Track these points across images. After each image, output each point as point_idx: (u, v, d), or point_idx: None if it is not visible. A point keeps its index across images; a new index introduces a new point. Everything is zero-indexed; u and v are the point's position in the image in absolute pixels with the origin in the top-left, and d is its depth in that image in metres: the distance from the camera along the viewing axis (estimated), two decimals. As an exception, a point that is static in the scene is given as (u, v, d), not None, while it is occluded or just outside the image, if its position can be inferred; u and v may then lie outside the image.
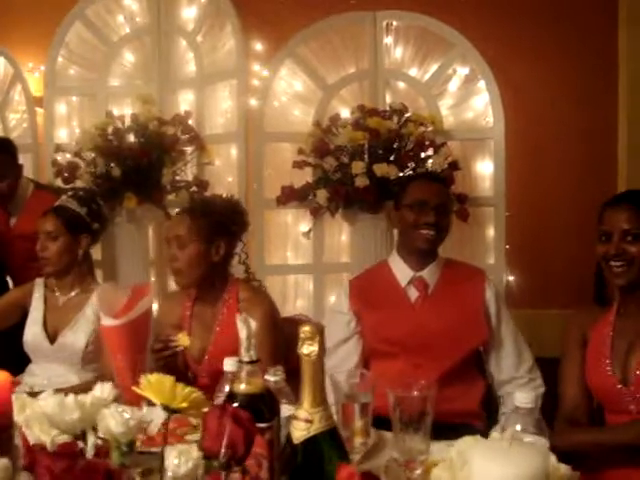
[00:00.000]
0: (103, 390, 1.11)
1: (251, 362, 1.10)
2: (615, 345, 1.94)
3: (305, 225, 3.62)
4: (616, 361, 1.92)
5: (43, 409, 0.96)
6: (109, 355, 1.50)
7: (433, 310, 2.32)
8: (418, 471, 1.12)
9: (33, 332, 2.58)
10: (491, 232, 3.61)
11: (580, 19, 4.06)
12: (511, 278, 3.62)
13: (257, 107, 3.66)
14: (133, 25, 3.98)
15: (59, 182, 3.58)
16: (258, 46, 3.75)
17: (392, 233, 3.42)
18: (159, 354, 2.08)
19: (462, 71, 3.64)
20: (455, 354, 2.26)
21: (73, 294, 2.62)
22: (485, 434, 2.19)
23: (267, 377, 1.29)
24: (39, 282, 2.68)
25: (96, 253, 3.10)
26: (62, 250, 2.56)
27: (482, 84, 3.59)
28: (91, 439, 0.98)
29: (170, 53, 3.93)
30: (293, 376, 2.38)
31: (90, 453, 0.98)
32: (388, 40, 3.72)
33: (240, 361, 1.11)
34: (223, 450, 0.86)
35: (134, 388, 1.03)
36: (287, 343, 2.37)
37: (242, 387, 1.10)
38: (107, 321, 1.55)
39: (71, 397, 1.01)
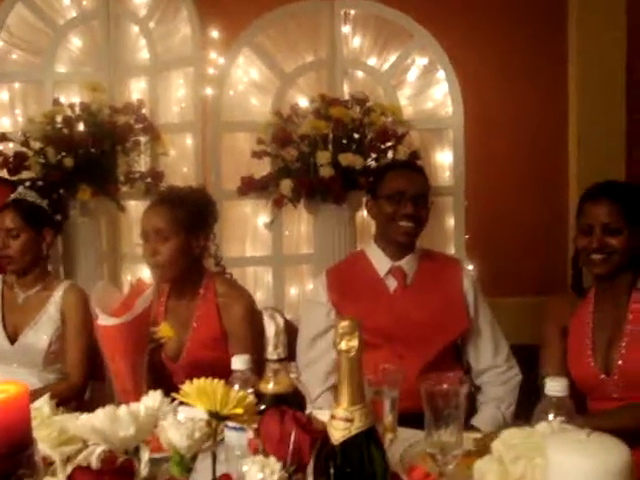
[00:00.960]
0: (155, 399, 1.02)
1: (279, 360, 1.05)
2: (595, 336, 1.98)
3: (264, 217, 3.55)
4: (597, 352, 1.96)
5: (92, 423, 0.87)
6: (106, 357, 1.38)
7: (412, 300, 2.30)
8: (451, 466, 1.09)
9: None
10: (451, 222, 3.63)
11: (531, 10, 4.12)
12: (470, 267, 3.65)
13: (213, 96, 3.56)
14: (80, 8, 3.80)
15: (4, 173, 3.39)
16: (214, 33, 3.64)
17: (355, 223, 3.40)
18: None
19: (421, 61, 3.64)
20: (437, 344, 2.25)
21: (34, 291, 2.48)
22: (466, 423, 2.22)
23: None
24: None
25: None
26: (25, 247, 2.41)
27: (441, 74, 3.60)
28: (145, 455, 0.88)
29: (120, 39, 3.78)
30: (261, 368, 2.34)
31: (144, 472, 0.88)
32: (346, 29, 3.68)
33: (267, 359, 1.05)
34: (289, 457, 0.81)
35: (174, 395, 0.96)
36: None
37: (270, 387, 1.05)
38: (106, 320, 1.40)
39: (124, 409, 0.91)
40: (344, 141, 3.17)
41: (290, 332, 2.42)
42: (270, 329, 1.05)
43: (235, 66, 3.60)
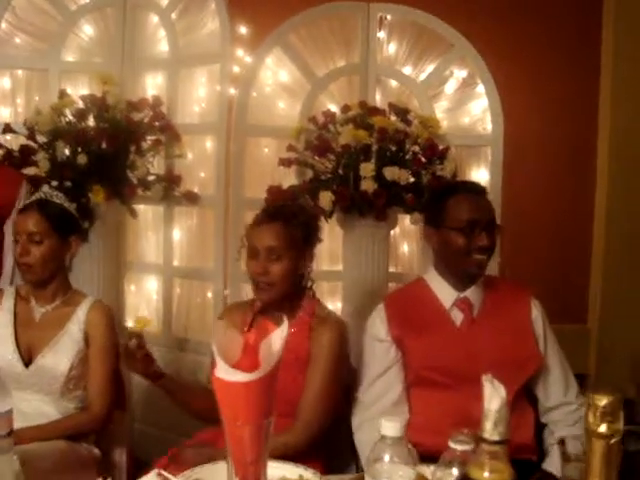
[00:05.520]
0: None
1: (500, 442, 0.80)
2: None
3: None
4: None
5: None
6: (224, 419, 1.06)
7: (481, 335, 2.09)
8: None
9: (3, 353, 2.11)
10: (484, 244, 3.41)
11: (568, 24, 3.94)
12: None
13: (238, 97, 3.29)
14: (94, -7, 3.49)
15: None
16: (243, 30, 3.36)
17: (388, 241, 3.16)
18: (136, 354, 1.91)
19: (460, 73, 3.43)
20: (513, 383, 2.02)
21: (53, 306, 2.18)
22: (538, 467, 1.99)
23: (451, 444, 0.98)
24: (9, 291, 2.21)
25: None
26: (49, 255, 2.10)
27: (481, 89, 3.39)
28: None
29: (138, 29, 3.48)
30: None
31: None
32: (381, 34, 3.45)
33: (482, 439, 0.81)
34: None
35: None
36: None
37: (486, 476, 0.80)
38: (233, 375, 1.01)
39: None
40: (388, 153, 2.93)
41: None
42: (493, 402, 0.81)
43: (264, 66, 3.33)
